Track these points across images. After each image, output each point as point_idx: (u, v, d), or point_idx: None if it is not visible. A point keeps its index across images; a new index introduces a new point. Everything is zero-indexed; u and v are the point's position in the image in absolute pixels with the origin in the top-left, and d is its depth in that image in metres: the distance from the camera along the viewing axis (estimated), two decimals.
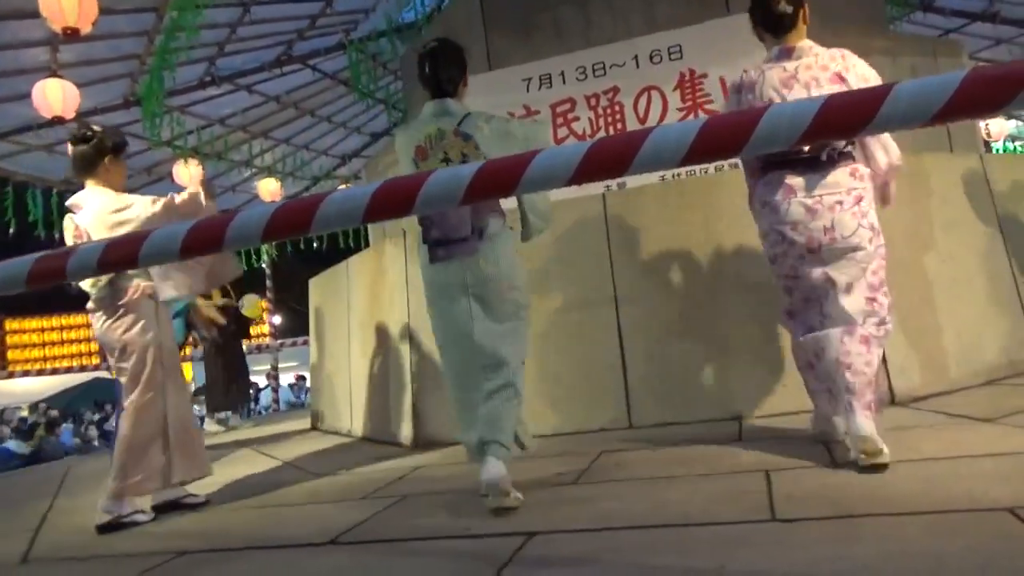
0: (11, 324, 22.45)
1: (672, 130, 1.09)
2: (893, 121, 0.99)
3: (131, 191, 3.60)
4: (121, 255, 1.37)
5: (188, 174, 8.88)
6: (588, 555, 1.89)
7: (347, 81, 9.40)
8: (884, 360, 3.65)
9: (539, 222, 2.86)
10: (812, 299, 2.65)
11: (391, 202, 1.21)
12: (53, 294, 20.83)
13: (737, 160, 3.68)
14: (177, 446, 3.22)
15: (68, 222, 3.32)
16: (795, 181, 2.56)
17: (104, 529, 3.00)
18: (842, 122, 1.03)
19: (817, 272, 2.58)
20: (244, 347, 8.16)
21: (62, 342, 21.83)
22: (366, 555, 2.19)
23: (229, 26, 7.71)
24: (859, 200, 2.55)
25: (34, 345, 22.09)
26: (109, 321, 3.23)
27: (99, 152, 3.34)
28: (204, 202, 3.38)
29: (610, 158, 1.09)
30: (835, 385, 2.54)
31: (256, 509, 3.15)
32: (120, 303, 3.21)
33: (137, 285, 3.22)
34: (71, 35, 5.86)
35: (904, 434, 2.87)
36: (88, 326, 20.88)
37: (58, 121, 6.88)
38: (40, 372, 18.23)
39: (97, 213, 3.21)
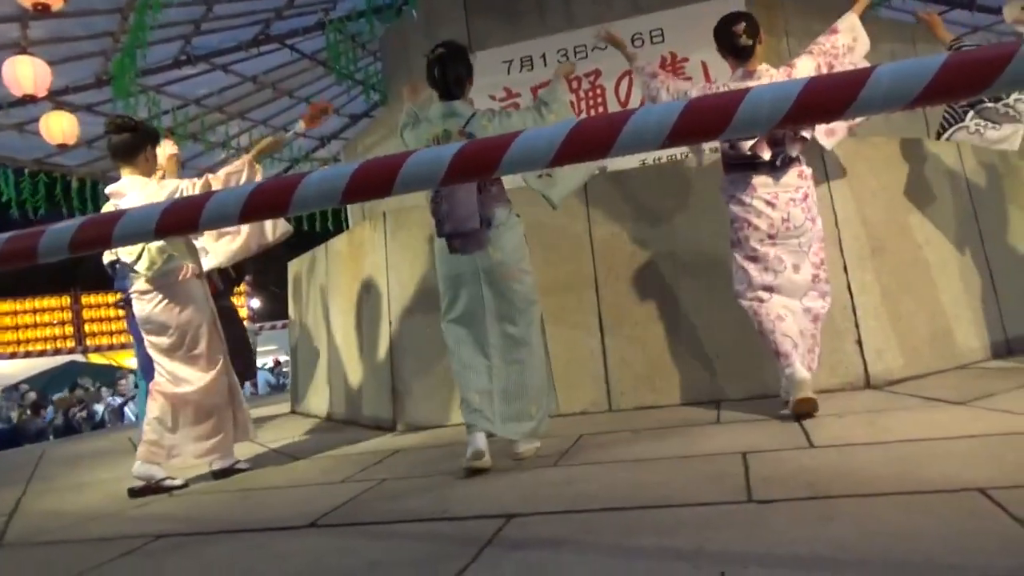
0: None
1: (654, 112, 1.08)
2: (874, 104, 0.99)
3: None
4: (95, 235, 1.35)
5: (163, 154, 8.73)
6: (567, 537, 1.90)
7: (326, 62, 9.28)
8: (860, 344, 3.70)
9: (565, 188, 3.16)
10: (767, 271, 3.17)
11: (371, 182, 1.20)
12: (27, 276, 20.49)
13: (717, 144, 3.69)
14: (239, 410, 3.58)
15: (112, 208, 3.43)
16: (758, 180, 3.14)
17: (137, 493, 3.28)
18: (823, 104, 1.03)
19: (772, 252, 3.16)
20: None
21: (36, 325, 21.47)
22: (346, 538, 2.19)
23: (205, 4, 7.57)
24: (806, 197, 3.17)
25: (7, 328, 21.72)
26: (165, 302, 3.35)
27: (143, 141, 3.45)
28: (247, 170, 3.60)
29: (592, 139, 1.08)
30: (779, 346, 3.10)
31: (235, 492, 3.14)
32: (175, 285, 3.36)
33: (186, 267, 3.39)
34: (42, 11, 5.72)
35: (880, 416, 2.91)
36: (63, 309, 20.63)
37: (29, 99, 6.74)
38: (13, 355, 17.92)
39: (151, 198, 3.25)
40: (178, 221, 1.27)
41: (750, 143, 3.09)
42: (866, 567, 1.44)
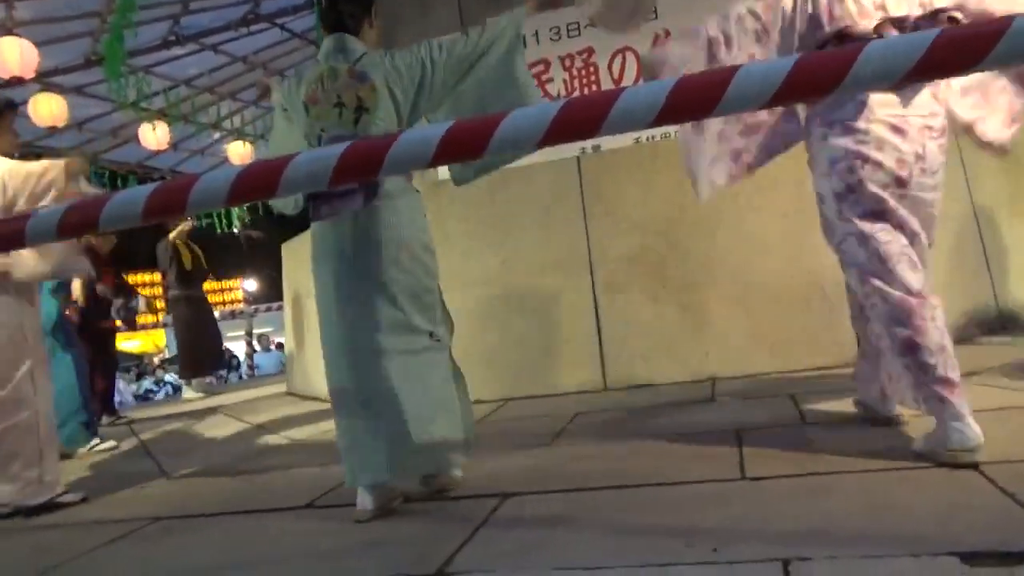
0: None
1: (643, 90, 1.07)
2: (863, 81, 0.98)
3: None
4: (80, 219, 1.34)
5: (155, 137, 8.68)
6: (562, 515, 1.91)
7: (316, 41, 9.19)
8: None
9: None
10: (902, 235, 2.05)
11: (359, 164, 1.19)
12: None
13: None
14: (47, 441, 2.91)
15: None
16: (876, 98, 1.99)
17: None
18: (813, 82, 1.02)
19: (902, 210, 2.04)
20: (215, 309, 8.06)
21: None
22: (344, 518, 2.20)
23: None
24: (943, 131, 2.07)
25: None
26: None
27: None
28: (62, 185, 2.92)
29: (581, 119, 1.07)
30: (946, 372, 1.95)
31: (231, 474, 3.15)
32: None
33: None
34: None
35: None
36: None
37: (16, 81, 6.67)
38: None
39: (14, 179, 2.90)
40: (166, 204, 1.26)
41: (873, 22, 1.99)
42: (859, 542, 1.45)
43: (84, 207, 1.38)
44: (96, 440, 4.33)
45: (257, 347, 14.84)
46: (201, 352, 7.06)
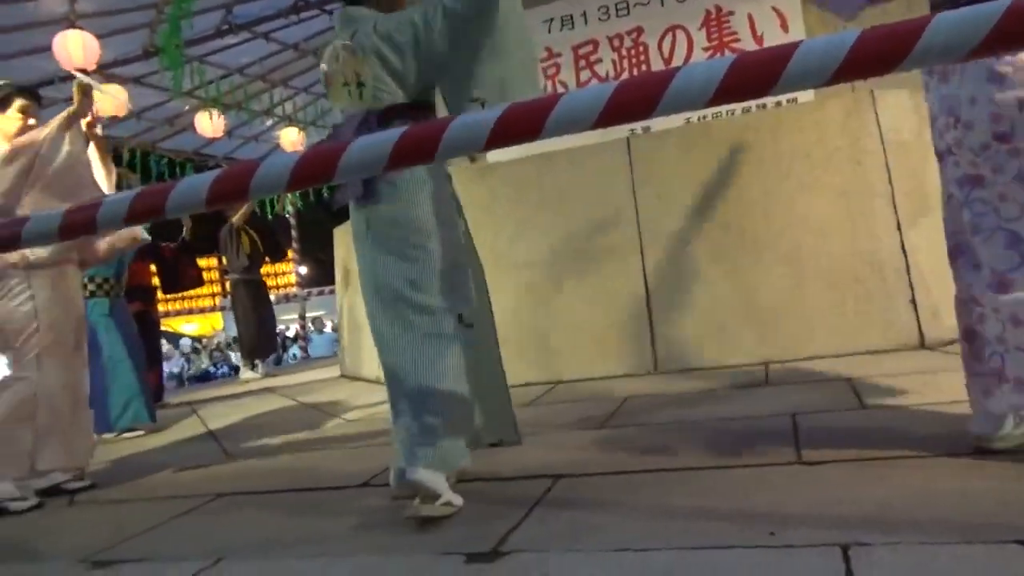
0: None
1: (699, 69, 1.06)
2: (932, 54, 0.95)
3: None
4: (148, 207, 1.38)
5: (211, 125, 8.87)
6: (614, 497, 1.91)
7: None
8: (914, 304, 3.61)
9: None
10: None
11: (414, 149, 1.20)
12: None
13: (765, 100, 3.59)
14: (46, 429, 2.86)
15: None
16: None
17: None
18: (878, 56, 0.99)
19: None
20: (271, 294, 8.21)
21: None
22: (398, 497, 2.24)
23: None
24: None
25: None
26: None
27: None
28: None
29: (636, 99, 1.06)
30: None
31: (288, 453, 3.23)
32: None
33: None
34: None
35: (934, 377, 2.85)
36: None
37: (80, 73, 6.87)
38: None
39: None
40: (229, 190, 1.29)
41: None
42: (920, 528, 1.42)
43: (151, 194, 1.42)
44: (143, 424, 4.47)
45: (312, 329, 15.16)
46: (260, 335, 7.25)
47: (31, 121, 3.00)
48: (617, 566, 1.45)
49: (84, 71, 6.72)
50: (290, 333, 16.90)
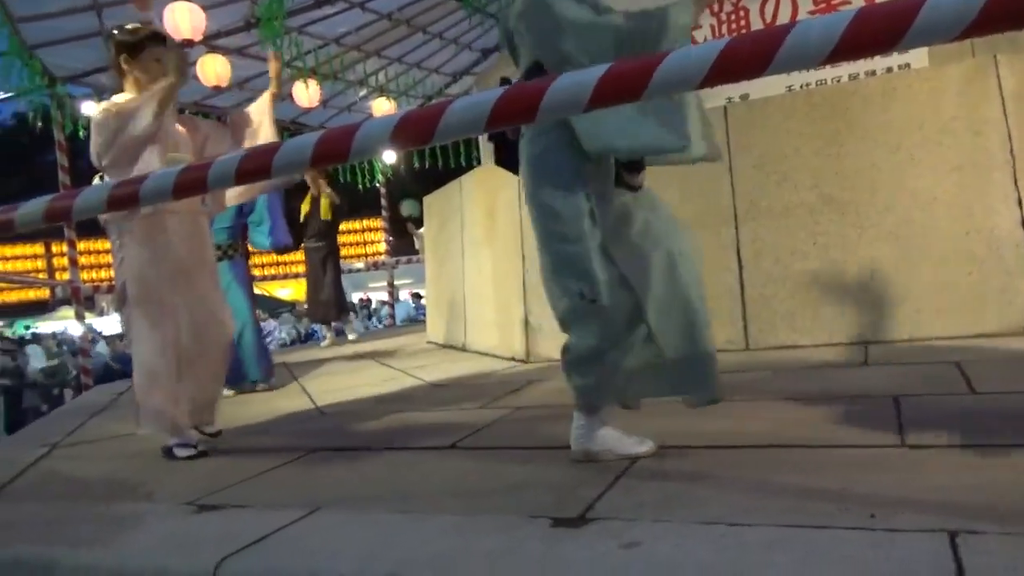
0: (84, 245, 24.26)
1: (818, 23, 1.00)
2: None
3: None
4: (255, 166, 1.43)
5: (307, 95, 9.10)
6: (704, 471, 1.88)
7: None
8: None
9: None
10: None
11: (514, 109, 1.19)
12: None
13: (875, 67, 3.39)
14: (141, 389, 2.85)
15: None
16: None
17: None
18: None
19: None
20: (359, 260, 8.33)
21: None
22: (485, 459, 2.28)
23: None
24: None
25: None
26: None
27: (115, 54, 2.94)
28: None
29: (749, 55, 1.01)
30: None
31: (378, 414, 3.33)
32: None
33: None
34: None
35: None
36: None
37: (187, 44, 7.15)
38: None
39: None
40: (332, 150, 1.32)
41: None
42: None
43: (257, 155, 1.47)
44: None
45: (401, 297, 15.52)
46: (331, 299, 7.33)
47: (160, 71, 2.85)
48: (707, 538, 1.42)
49: (191, 42, 7.01)
50: (378, 299, 17.34)
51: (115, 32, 2.94)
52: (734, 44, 1.03)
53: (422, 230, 10.46)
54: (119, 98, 2.87)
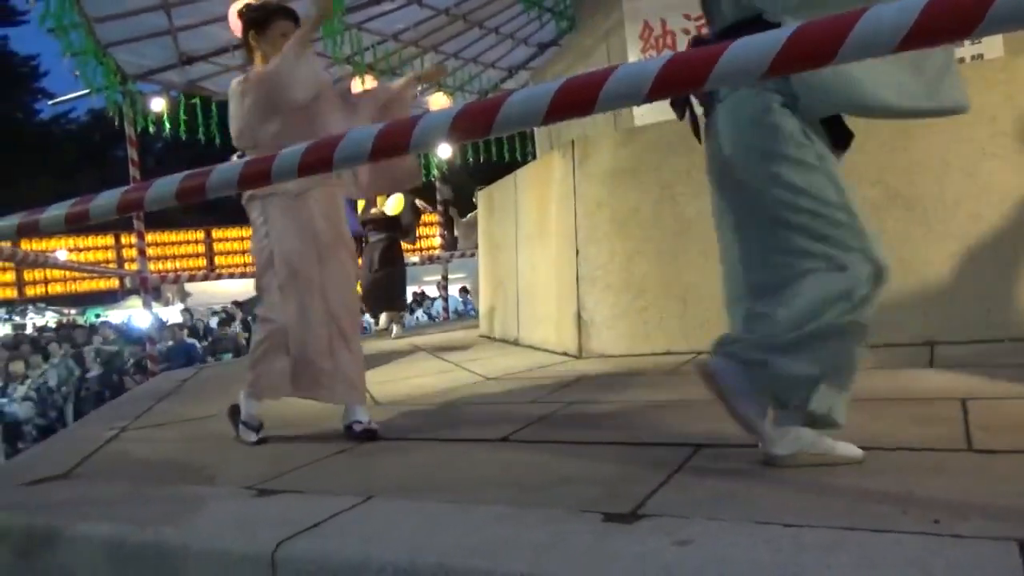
0: (217, 233, 25.18)
1: (890, 9, 0.97)
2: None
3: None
4: (318, 158, 1.46)
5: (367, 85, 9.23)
6: (759, 470, 1.85)
7: None
8: None
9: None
10: None
11: (573, 100, 1.19)
12: None
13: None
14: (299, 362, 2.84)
15: None
16: None
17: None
18: None
19: None
20: (406, 256, 8.34)
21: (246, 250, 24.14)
22: (538, 453, 2.28)
23: None
24: None
25: (236, 252, 24.62)
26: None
27: (244, 31, 2.94)
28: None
29: (816, 43, 0.98)
30: None
31: (432, 406, 3.36)
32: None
33: None
34: None
35: None
36: None
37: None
38: (243, 275, 20.26)
39: None
40: (392, 143, 1.34)
41: None
42: None
43: (319, 148, 1.49)
44: None
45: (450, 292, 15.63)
46: (388, 292, 7.40)
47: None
48: (762, 538, 1.40)
49: None
50: (431, 293, 17.51)
51: (243, 9, 2.96)
52: (800, 34, 1.00)
53: (467, 218, 10.46)
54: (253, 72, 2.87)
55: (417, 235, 8.04)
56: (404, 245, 7.87)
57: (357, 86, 9.27)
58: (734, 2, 1.80)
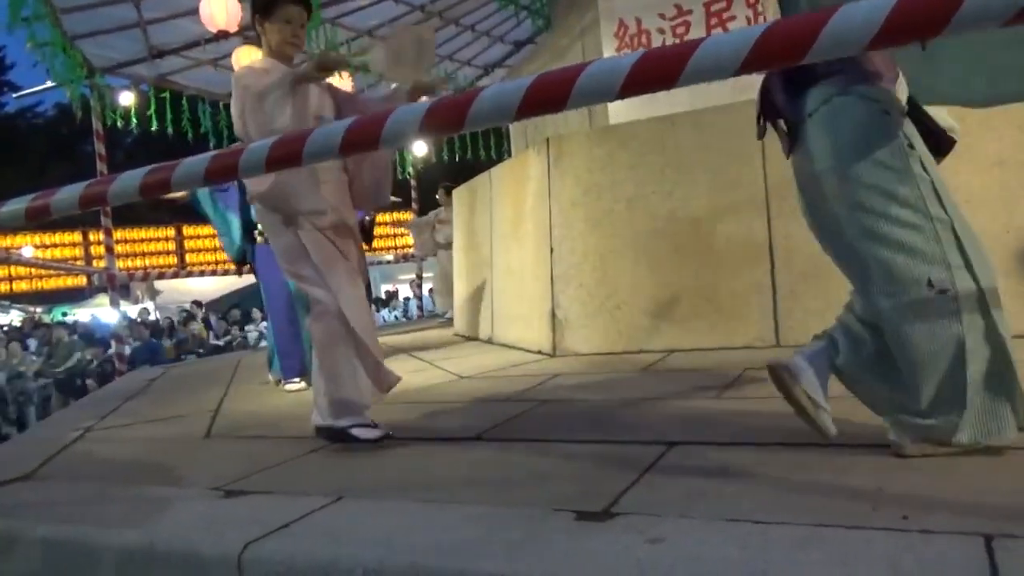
0: (188, 230, 24.84)
1: (863, 7, 0.97)
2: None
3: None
4: (285, 153, 1.43)
5: (341, 85, 9.16)
6: (731, 468, 1.85)
7: None
8: None
9: None
10: None
11: (546, 96, 1.18)
12: None
13: None
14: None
15: None
16: None
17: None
18: None
19: None
20: (388, 253, 8.31)
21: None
22: (510, 452, 2.27)
23: None
24: None
25: (207, 250, 24.31)
26: None
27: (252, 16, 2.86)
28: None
29: (788, 41, 0.98)
30: None
31: (407, 404, 3.34)
32: None
33: None
34: None
35: None
36: None
37: (222, 35, 7.22)
38: (213, 273, 20.05)
39: None
40: (361, 138, 1.32)
41: None
42: None
43: (287, 142, 1.47)
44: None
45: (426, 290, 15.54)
46: None
47: (295, 33, 2.75)
48: (733, 536, 1.40)
49: (226, 33, 7.07)
50: (405, 292, 17.43)
51: None
52: (773, 30, 1.00)
53: (420, 219, 10.23)
54: (257, 63, 2.80)
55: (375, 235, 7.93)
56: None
57: (334, 82, 9.22)
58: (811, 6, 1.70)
